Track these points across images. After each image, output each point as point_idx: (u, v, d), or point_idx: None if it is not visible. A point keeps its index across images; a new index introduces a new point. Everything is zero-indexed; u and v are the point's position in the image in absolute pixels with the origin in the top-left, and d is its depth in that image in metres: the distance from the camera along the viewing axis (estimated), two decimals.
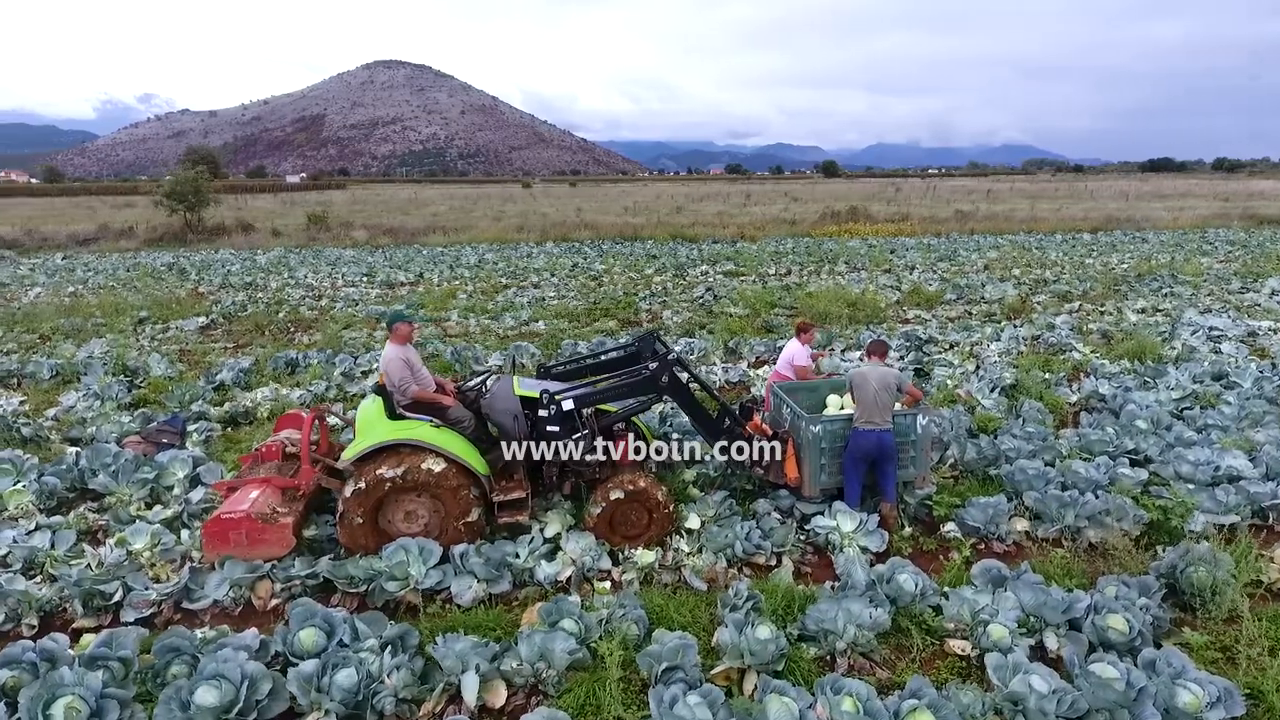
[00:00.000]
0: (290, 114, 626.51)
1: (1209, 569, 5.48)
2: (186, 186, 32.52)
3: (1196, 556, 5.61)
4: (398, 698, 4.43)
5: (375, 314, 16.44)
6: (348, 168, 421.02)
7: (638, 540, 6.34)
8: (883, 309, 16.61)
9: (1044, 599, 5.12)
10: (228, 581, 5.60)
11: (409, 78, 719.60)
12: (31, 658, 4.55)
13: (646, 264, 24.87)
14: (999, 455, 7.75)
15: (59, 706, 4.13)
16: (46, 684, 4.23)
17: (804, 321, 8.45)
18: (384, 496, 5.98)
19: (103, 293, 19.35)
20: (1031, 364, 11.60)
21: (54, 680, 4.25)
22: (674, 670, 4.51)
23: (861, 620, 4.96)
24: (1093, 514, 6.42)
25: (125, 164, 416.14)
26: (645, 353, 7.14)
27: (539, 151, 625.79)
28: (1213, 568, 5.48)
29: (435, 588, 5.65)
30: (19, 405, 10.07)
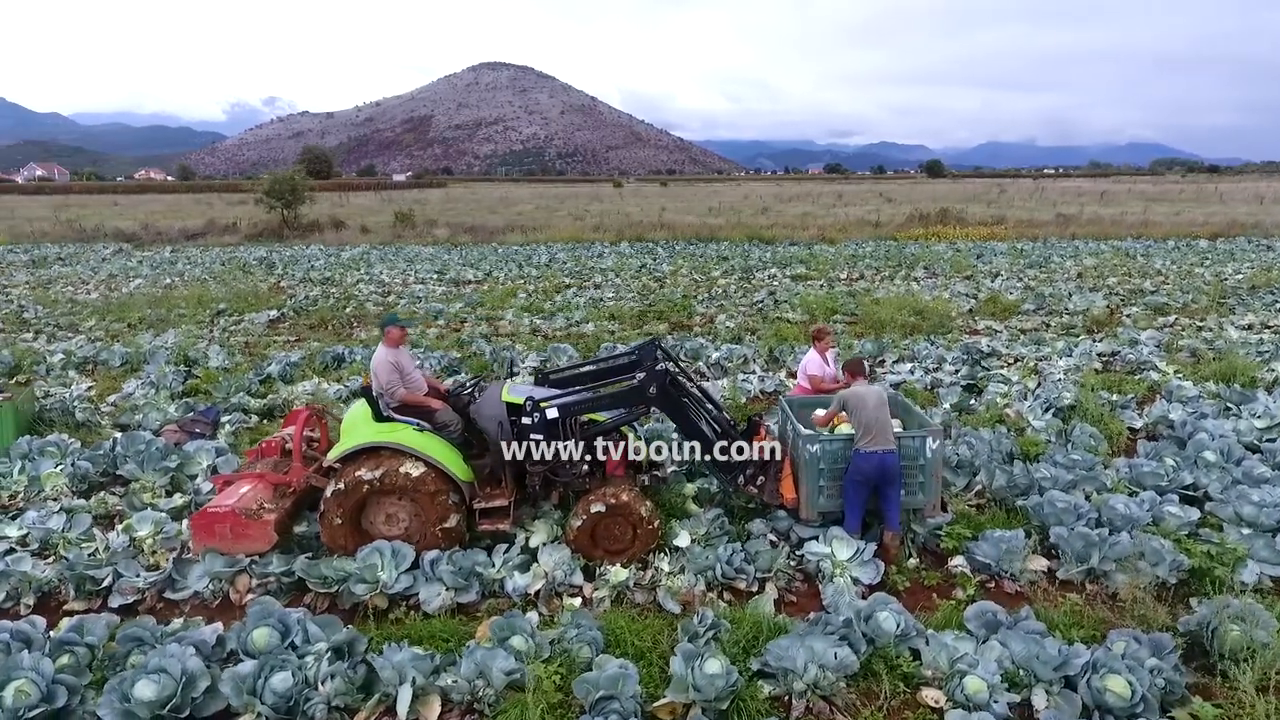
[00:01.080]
0: (400, 115, 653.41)
1: (1246, 629, 4.83)
2: (284, 185, 34.35)
3: (1234, 613, 4.96)
4: (330, 705, 4.39)
5: (434, 311, 16.80)
6: (451, 167, 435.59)
7: (621, 555, 6.14)
8: (951, 318, 15.75)
9: (1036, 651, 4.62)
10: (208, 575, 5.74)
11: (512, 79, 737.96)
12: (4, 638, 4.76)
13: (715, 266, 24.51)
14: (1032, 484, 7.12)
15: (10, 689, 4.29)
16: (5, 666, 4.41)
17: (819, 328, 8.03)
18: (365, 498, 6.00)
19: (194, 285, 20.59)
20: (1099, 384, 10.70)
21: (12, 663, 4.42)
22: (609, 700, 4.30)
23: (825, 660, 4.60)
24: (1123, 556, 5.78)
25: (250, 163, 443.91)
26: (646, 362, 6.90)
27: (635, 151, 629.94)
28: (1252, 627, 4.83)
29: (404, 593, 5.61)
30: (86, 390, 10.76)
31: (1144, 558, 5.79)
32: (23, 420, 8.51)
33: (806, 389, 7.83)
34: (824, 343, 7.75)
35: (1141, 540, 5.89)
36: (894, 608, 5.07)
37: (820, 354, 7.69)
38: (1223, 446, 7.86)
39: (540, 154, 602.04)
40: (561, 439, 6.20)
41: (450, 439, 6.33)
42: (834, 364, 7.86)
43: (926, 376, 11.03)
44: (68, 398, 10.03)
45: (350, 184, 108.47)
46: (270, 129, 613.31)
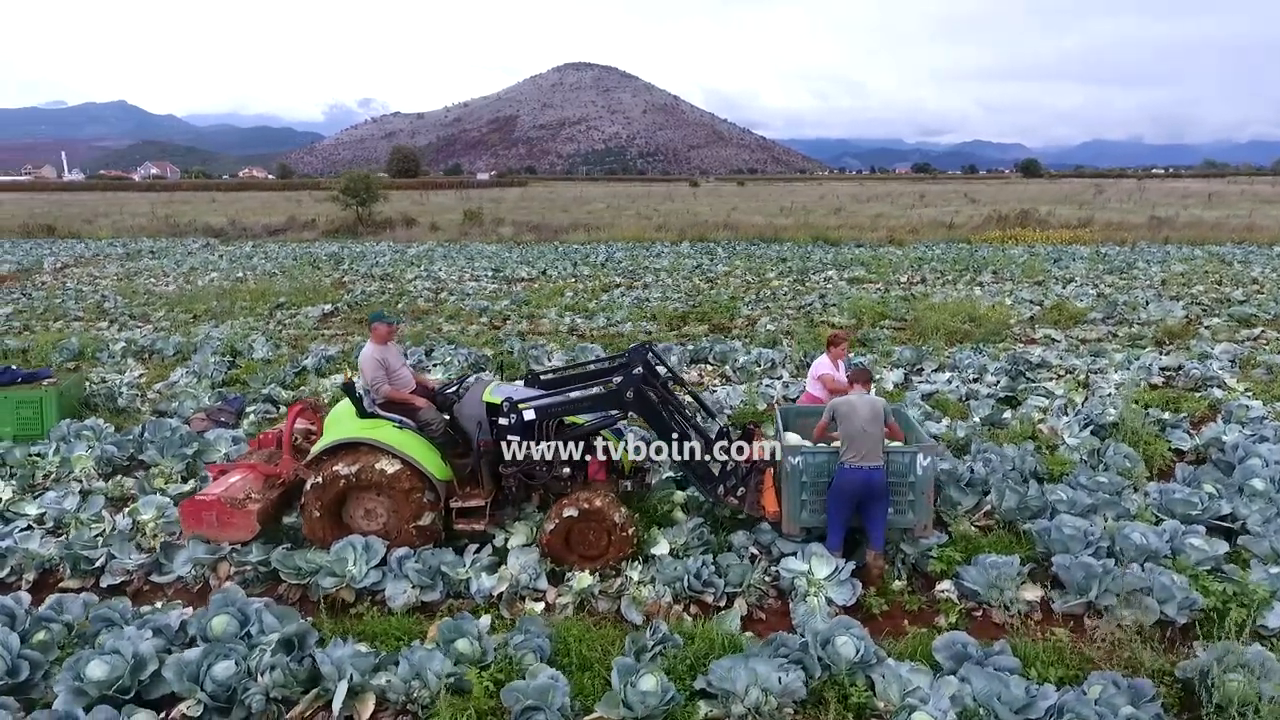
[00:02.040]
0: (486, 115, 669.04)
1: (1249, 679, 4.37)
2: (359, 183, 35.61)
3: (1238, 660, 4.50)
4: (268, 696, 4.46)
5: (478, 308, 17.05)
6: (534, 166, 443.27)
7: (596, 561, 6.04)
8: (1008, 326, 14.98)
9: (999, 690, 4.29)
10: (191, 560, 5.94)
11: (596, 79, 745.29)
12: None
13: (772, 267, 24.07)
14: (1045, 507, 6.66)
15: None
16: None
17: (836, 333, 7.73)
18: (344, 493, 6.10)
19: (262, 279, 21.55)
20: (1154, 400, 9.96)
21: None
22: (535, 711, 4.22)
23: (769, 684, 4.39)
24: (1127, 590, 5.33)
25: (345, 162, 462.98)
26: (635, 365, 6.78)
27: (717, 150, 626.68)
28: (1256, 678, 4.37)
29: (372, 588, 5.67)
30: (137, 377, 11.37)
31: (1151, 593, 5.32)
32: (66, 404, 9.04)
33: (816, 396, 7.56)
34: (838, 349, 7.45)
35: (1151, 574, 5.41)
36: (856, 632, 4.80)
37: (833, 360, 7.39)
38: (1276, 474, 7.17)
39: (622, 153, 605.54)
40: (539, 441, 6.16)
41: (432, 437, 6.36)
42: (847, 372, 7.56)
43: (962, 387, 10.50)
44: (116, 384, 10.62)
45: (433, 183, 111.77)
46: (364, 129, 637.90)
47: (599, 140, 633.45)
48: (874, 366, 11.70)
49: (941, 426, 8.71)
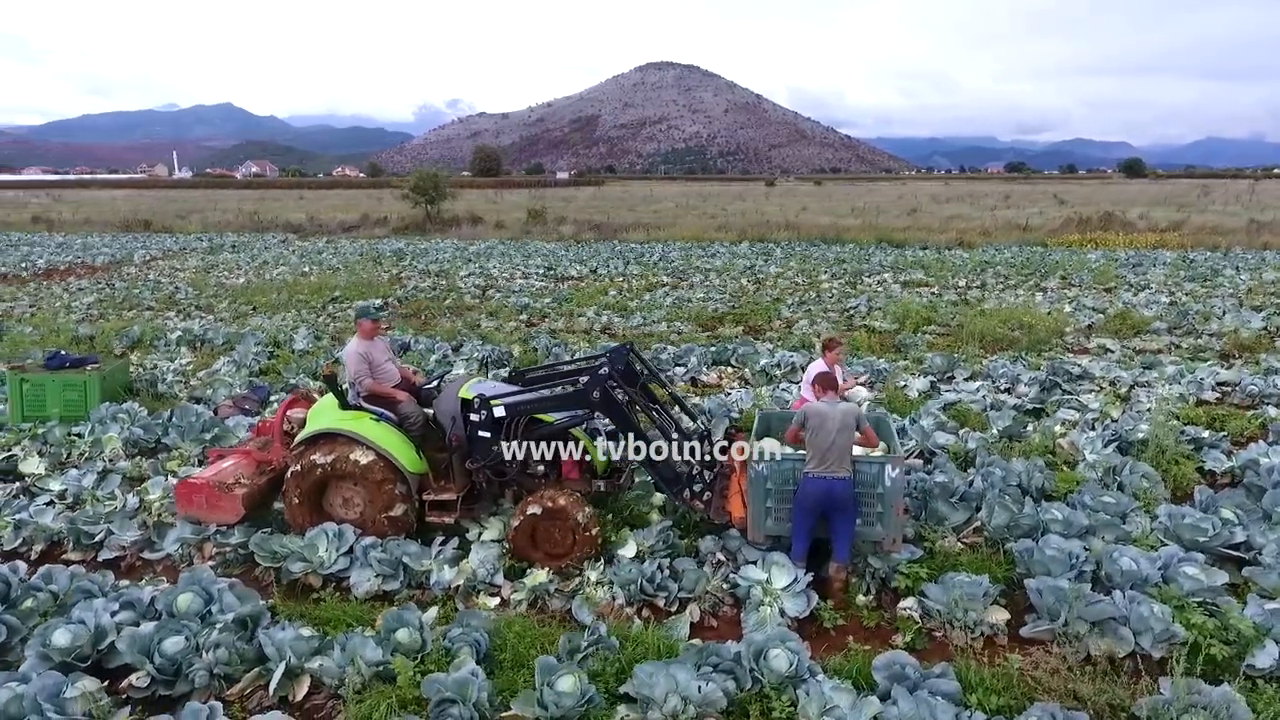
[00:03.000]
0: (568, 115, 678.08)
1: None
2: (427, 182, 36.69)
3: (1203, 702, 4.19)
4: (211, 672, 4.67)
5: (519, 305, 17.33)
6: (614, 165, 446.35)
7: (561, 560, 6.08)
8: (1061, 334, 14.26)
9: (924, 715, 4.11)
10: (179, 540, 6.27)
11: (678, 78, 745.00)
12: None
13: (827, 269, 23.60)
14: (1038, 526, 6.33)
15: None
16: None
17: (831, 337, 7.57)
18: (322, 481, 6.32)
19: (325, 273, 22.46)
20: (1199, 417, 9.32)
21: None
22: (451, 704, 4.28)
23: (688, 693, 4.33)
24: (1102, 619, 5.01)
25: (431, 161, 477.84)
26: (616, 365, 6.77)
27: (799, 149, 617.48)
28: None
29: (339, 574, 5.87)
30: (185, 364, 12.04)
31: (1128, 623, 5.00)
32: (109, 389, 9.66)
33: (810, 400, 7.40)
34: (834, 353, 7.28)
35: (1131, 602, 5.07)
36: (793, 646, 4.69)
37: (829, 365, 7.22)
38: None
39: (702, 152, 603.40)
40: (509, 438, 6.23)
41: (411, 431, 6.52)
42: (844, 377, 7.39)
43: (989, 397, 10.05)
44: (162, 371, 11.28)
45: (510, 181, 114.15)
46: (451, 129, 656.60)
47: (679, 139, 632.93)
48: (900, 373, 11.35)
49: (951, 438, 8.37)
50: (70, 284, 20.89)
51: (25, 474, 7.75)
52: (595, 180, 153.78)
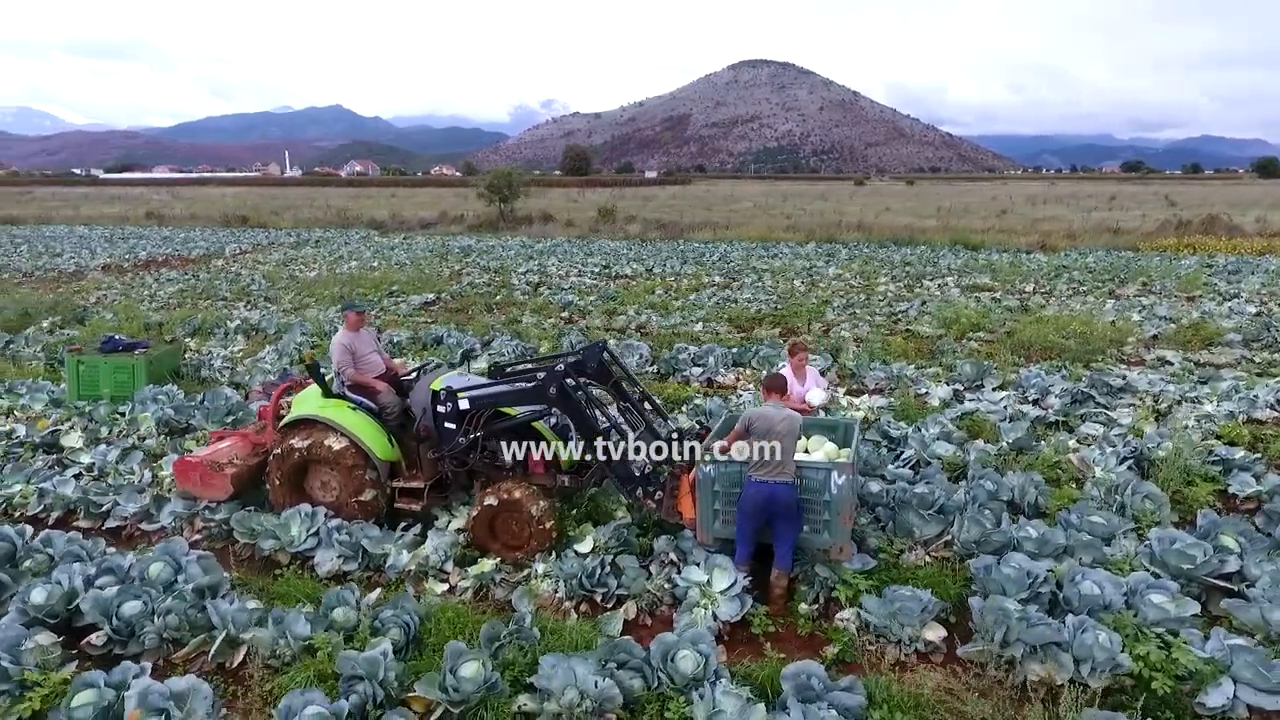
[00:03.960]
0: (660, 114, 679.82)
1: None
2: (501, 180, 37.65)
3: None
4: (161, 636, 5.03)
5: (564, 302, 17.62)
6: (704, 164, 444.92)
7: (518, 551, 6.24)
8: (1121, 344, 13.45)
9: None
10: (172, 514, 6.75)
11: (771, 76, 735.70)
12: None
13: (888, 270, 22.97)
14: (1009, 543, 6.05)
15: None
16: None
17: (795, 342, 7.44)
18: (302, 465, 6.67)
19: (392, 268, 23.41)
20: (1243, 437, 8.66)
21: None
22: (359, 680, 4.47)
23: (585, 687, 4.39)
24: (1043, 643, 4.77)
25: (525, 160, 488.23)
26: (589, 363, 6.87)
27: (897, 147, 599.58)
28: None
29: (306, 553, 6.19)
30: (236, 352, 12.83)
31: (1070, 649, 4.74)
32: (155, 372, 10.41)
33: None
34: (798, 358, 7.17)
35: (1080, 629, 4.81)
36: (704, 649, 4.67)
37: (794, 370, 7.11)
38: None
39: (795, 151, 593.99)
40: (472, 430, 6.41)
41: (388, 420, 6.81)
42: (814, 382, 7.25)
43: (1009, 409, 9.61)
44: (212, 357, 12.07)
45: (597, 181, 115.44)
46: (545, 129, 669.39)
47: (771, 138, 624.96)
48: (924, 380, 10.98)
49: (952, 449, 8.06)
50: (161, 275, 22.53)
51: (65, 446, 8.47)
52: (682, 179, 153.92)
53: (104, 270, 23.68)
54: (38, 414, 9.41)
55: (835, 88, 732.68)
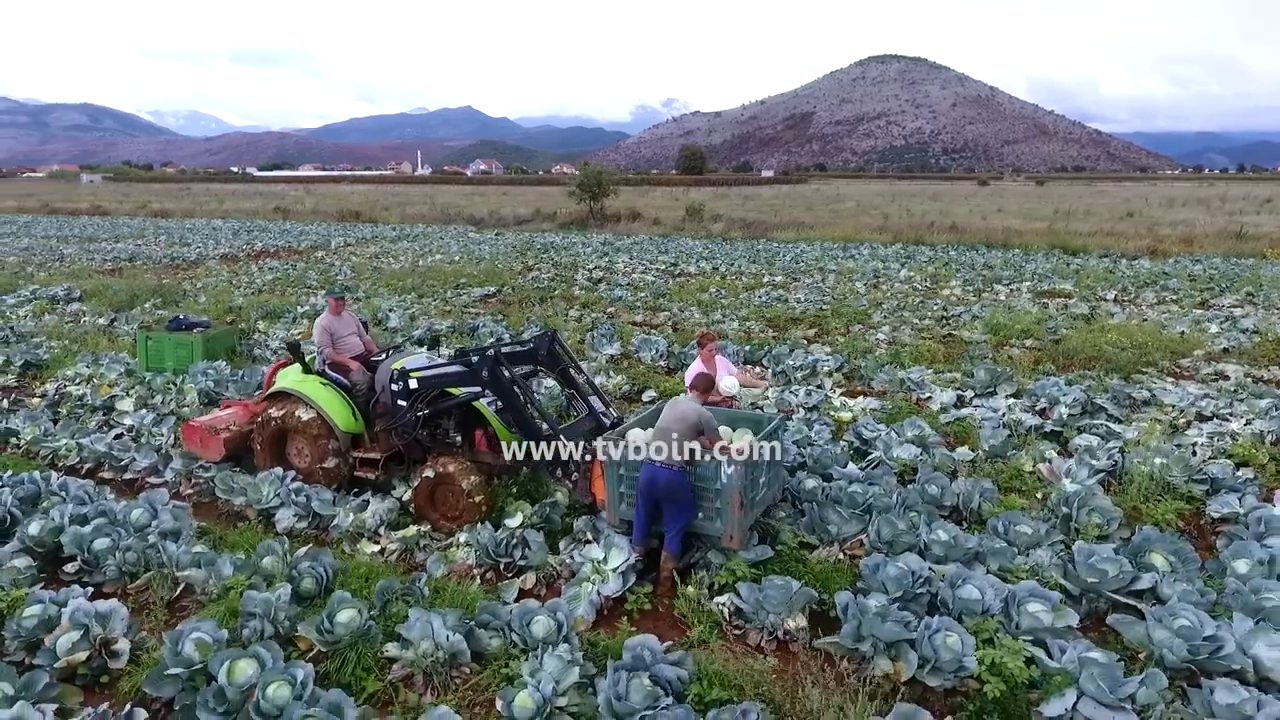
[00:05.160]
0: (782, 112, 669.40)
1: None
2: (591, 179, 38.59)
3: None
4: (120, 569, 5.85)
5: (614, 298, 18.10)
6: (825, 163, 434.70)
7: (454, 521, 6.75)
8: (1182, 356, 12.58)
9: (622, 689, 4.30)
10: (173, 470, 7.70)
11: (901, 72, 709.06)
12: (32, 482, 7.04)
13: (964, 274, 22.10)
14: (917, 544, 6.02)
15: None
16: None
17: (704, 333, 7.67)
18: (280, 432, 7.45)
19: (470, 262, 24.64)
20: (1257, 457, 8.07)
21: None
22: (252, 617, 5.09)
23: (439, 639, 4.83)
24: (893, 640, 4.81)
25: (644, 159, 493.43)
26: (540, 350, 7.29)
27: (1037, 145, 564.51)
28: None
29: (270, 510, 6.94)
30: (295, 333, 14.07)
31: (917, 648, 4.76)
32: (212, 349, 11.66)
33: None
34: (707, 349, 7.36)
35: (932, 629, 4.81)
36: (560, 617, 5.01)
37: (704, 360, 7.31)
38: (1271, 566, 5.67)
39: (923, 149, 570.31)
40: (421, 408, 6.98)
41: (357, 396, 7.49)
42: (724, 371, 7.41)
43: (1006, 416, 9.28)
44: (270, 338, 13.31)
45: (706, 179, 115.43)
46: (664, 128, 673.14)
47: (899, 136, 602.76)
48: (927, 383, 10.73)
49: (916, 451, 7.94)
50: (265, 264, 24.68)
51: (116, 409, 9.71)
52: (797, 179, 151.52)
53: (220, 259, 26.17)
54: (107, 381, 10.77)
55: (971, 83, 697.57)
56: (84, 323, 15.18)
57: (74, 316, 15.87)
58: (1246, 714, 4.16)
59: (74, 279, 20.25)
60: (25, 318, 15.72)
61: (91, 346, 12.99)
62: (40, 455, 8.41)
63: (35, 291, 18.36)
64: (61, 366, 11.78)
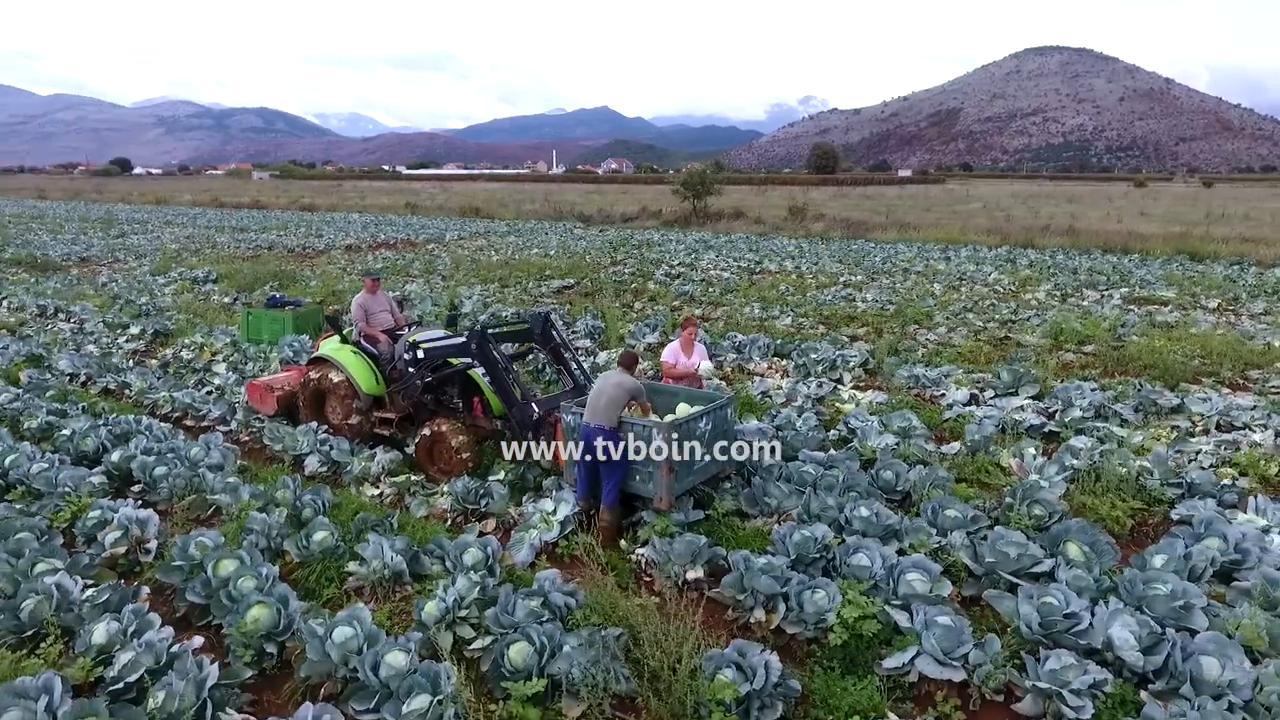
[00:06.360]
0: (926, 109, 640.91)
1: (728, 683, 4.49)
2: (695, 178, 39.22)
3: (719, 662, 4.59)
4: (171, 491, 7.21)
5: (682, 293, 18.78)
6: (972, 162, 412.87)
7: (448, 474, 7.75)
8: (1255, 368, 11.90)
9: (508, 605, 5.10)
10: (235, 420, 9.15)
11: (1062, 64, 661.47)
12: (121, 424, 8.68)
13: (1058, 279, 21.19)
14: (838, 519, 6.43)
15: (89, 434, 8.12)
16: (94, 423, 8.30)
17: (687, 318, 8.20)
18: (320, 392, 8.71)
19: (564, 256, 25.97)
20: (1257, 466, 7.81)
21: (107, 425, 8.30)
22: (249, 532, 6.26)
23: (387, 559, 5.78)
24: (770, 592, 5.34)
25: (778, 158, 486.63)
26: (535, 328, 8.18)
27: (1219, 143, 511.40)
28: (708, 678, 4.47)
29: (301, 456, 8.20)
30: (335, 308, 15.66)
31: (787, 600, 5.27)
32: (301, 324, 13.33)
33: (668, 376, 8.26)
34: (688, 331, 7.97)
35: (805, 586, 5.30)
36: (489, 549, 5.86)
37: (684, 342, 7.92)
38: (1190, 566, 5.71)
39: (1084, 148, 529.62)
40: (425, 375, 8.03)
41: (382, 364, 8.64)
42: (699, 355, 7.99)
43: (1004, 414, 9.30)
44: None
45: (831, 179, 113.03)
46: (800, 126, 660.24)
47: (1056, 133, 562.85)
48: (945, 381, 10.78)
49: (893, 439, 8.22)
50: (380, 254, 27.05)
51: (212, 371, 11.44)
52: (933, 178, 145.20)
53: (344, 249, 28.87)
54: (210, 348, 12.61)
55: (1142, 75, 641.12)
56: (212, 300, 17.54)
57: (206, 295, 18.34)
58: (1065, 680, 4.43)
59: (216, 264, 23.15)
60: (168, 295, 18.32)
61: (210, 320, 15.10)
62: (143, 404, 10.17)
63: (182, 274, 21.23)
64: (183, 335, 13.84)
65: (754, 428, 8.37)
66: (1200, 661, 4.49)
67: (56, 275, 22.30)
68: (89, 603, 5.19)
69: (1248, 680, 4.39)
